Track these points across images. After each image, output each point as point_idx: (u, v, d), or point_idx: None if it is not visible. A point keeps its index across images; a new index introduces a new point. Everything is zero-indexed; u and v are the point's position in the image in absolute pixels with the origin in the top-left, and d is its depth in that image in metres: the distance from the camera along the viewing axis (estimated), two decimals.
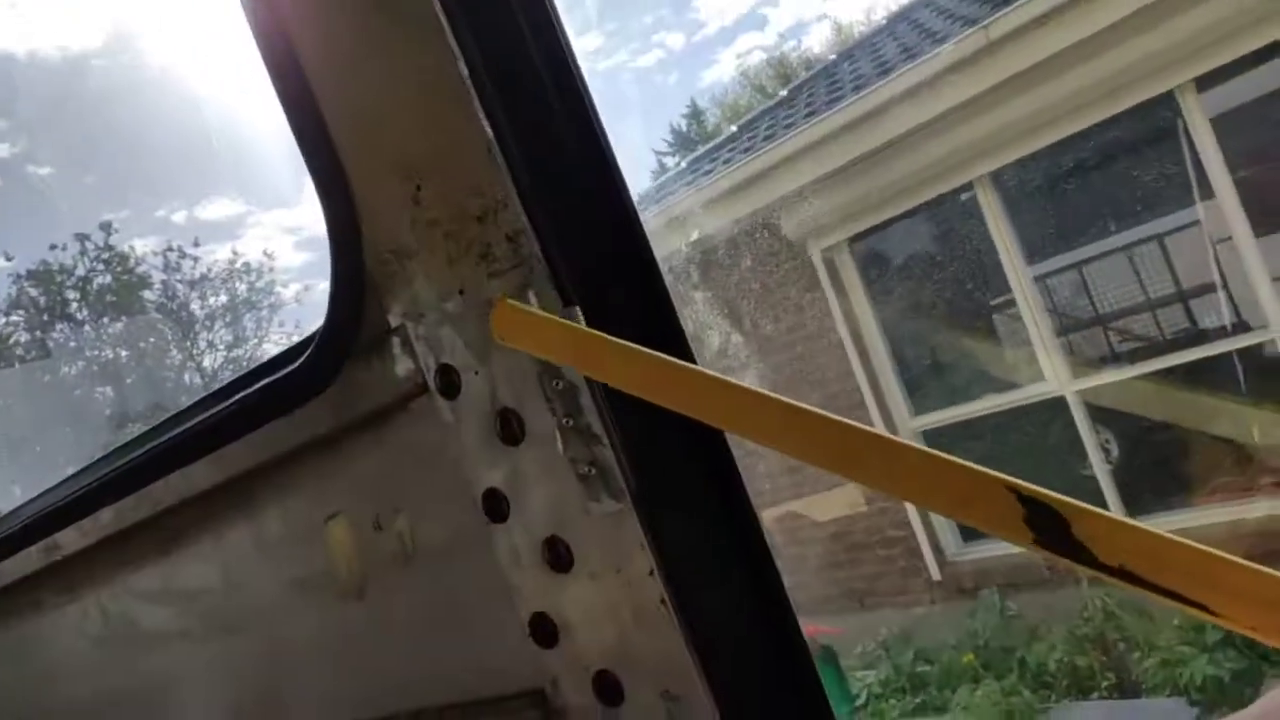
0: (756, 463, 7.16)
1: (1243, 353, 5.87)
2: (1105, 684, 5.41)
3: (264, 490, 1.01)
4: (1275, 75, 5.58)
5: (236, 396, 0.95)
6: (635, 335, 0.69)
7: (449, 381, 0.78)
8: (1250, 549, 5.34)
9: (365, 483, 0.91)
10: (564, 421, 0.71)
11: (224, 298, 18.89)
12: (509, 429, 0.75)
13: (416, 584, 0.89)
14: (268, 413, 0.92)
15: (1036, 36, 5.57)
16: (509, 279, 0.72)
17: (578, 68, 0.72)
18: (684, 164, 10.75)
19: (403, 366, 0.81)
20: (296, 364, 0.87)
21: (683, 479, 0.70)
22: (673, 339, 0.69)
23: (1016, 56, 5.66)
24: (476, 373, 0.76)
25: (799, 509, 7.20)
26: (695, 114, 32.25)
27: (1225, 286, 6.17)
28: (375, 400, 0.84)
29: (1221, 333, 6.15)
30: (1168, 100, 5.62)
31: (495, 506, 0.78)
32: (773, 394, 0.57)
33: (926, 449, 0.51)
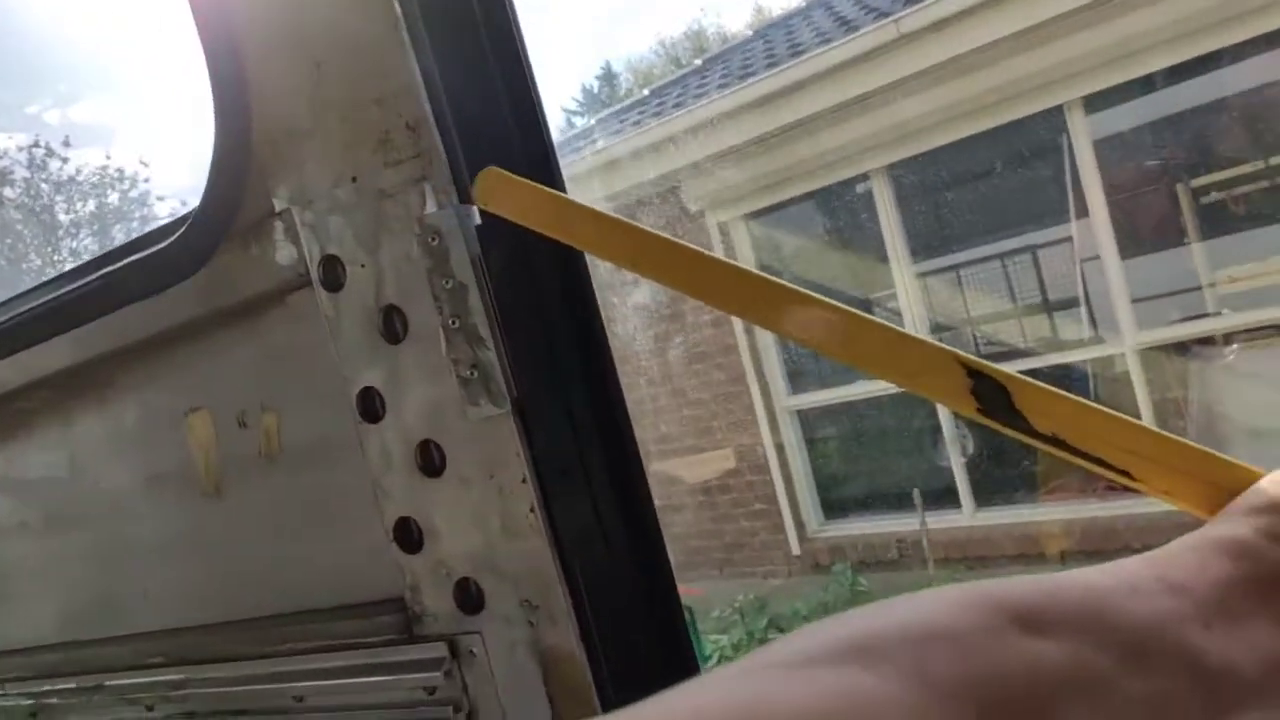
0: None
1: (1096, 364, 6.25)
2: None
3: (122, 377, 0.96)
4: (1156, 107, 5.91)
5: (98, 273, 0.90)
6: (532, 238, 0.68)
7: (333, 273, 0.75)
8: (1080, 545, 5.74)
9: (233, 376, 0.87)
10: (450, 321, 0.70)
11: (93, 205, 17.73)
12: (391, 326, 0.73)
13: (279, 484, 0.87)
14: (132, 293, 0.87)
15: (945, 35, 5.74)
16: (405, 169, 0.70)
17: None
18: (593, 123, 10.65)
19: (284, 254, 0.78)
20: (167, 242, 0.82)
21: (564, 389, 0.70)
22: (571, 251, 0.68)
23: (924, 53, 5.81)
24: (363, 266, 0.74)
25: (672, 470, 7.32)
26: (608, 76, 31.97)
27: (1088, 302, 6.54)
28: (251, 288, 0.81)
29: (1079, 344, 6.53)
30: (1057, 116, 5.88)
31: (370, 406, 0.76)
32: (753, 270, 0.58)
33: (883, 322, 0.53)
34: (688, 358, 7.32)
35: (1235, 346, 5.67)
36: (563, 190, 0.71)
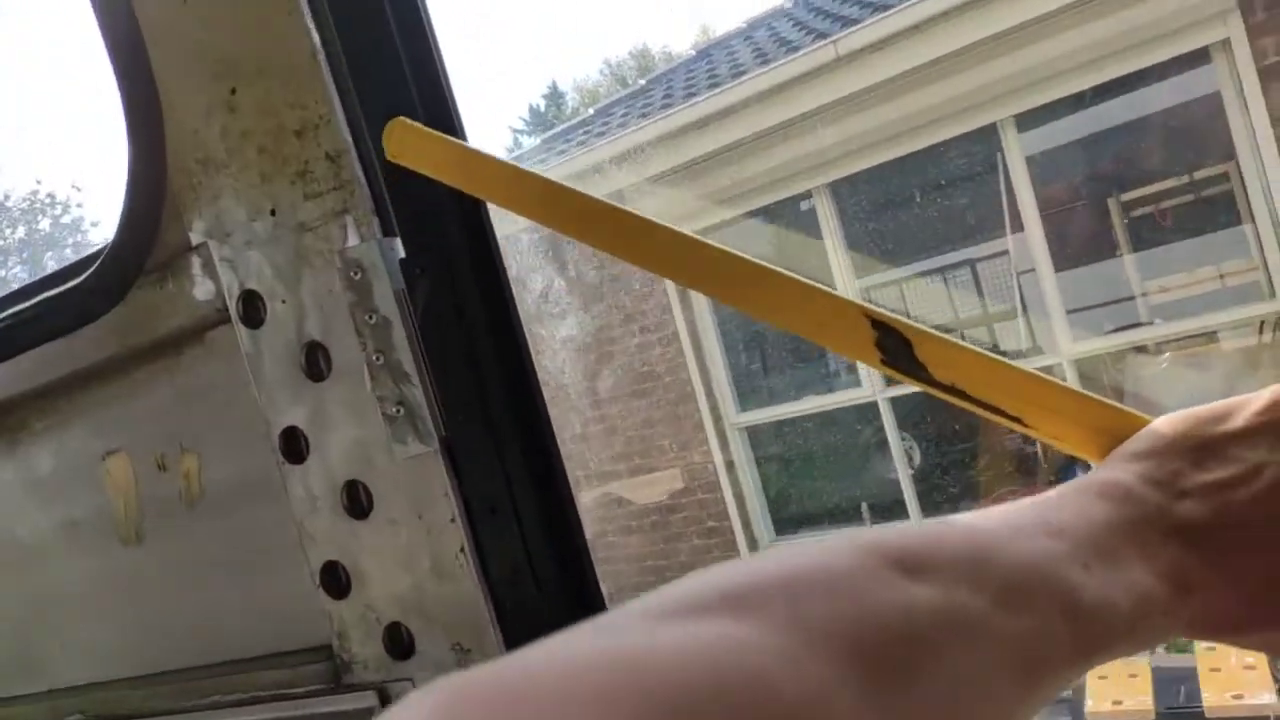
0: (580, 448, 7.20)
1: None
2: None
3: (35, 419, 0.91)
4: (1085, 124, 6.09)
5: (9, 311, 0.86)
6: (458, 272, 0.66)
7: (253, 309, 0.73)
8: None
9: (151, 416, 0.84)
10: (374, 358, 0.68)
11: (22, 232, 17.23)
12: (314, 363, 0.71)
13: (201, 530, 0.83)
14: (44, 332, 0.83)
15: (881, 56, 5.84)
16: (326, 201, 0.67)
17: None
18: (539, 142, 10.65)
19: (202, 290, 0.75)
20: (81, 278, 0.79)
21: (492, 426, 0.68)
22: (493, 275, 0.66)
23: (862, 73, 5.91)
24: (284, 301, 0.71)
25: (621, 491, 7.30)
26: (554, 96, 32.04)
27: (1025, 313, 6.68)
28: (168, 325, 0.78)
29: (1017, 355, 6.66)
30: (992, 134, 6.02)
31: (293, 447, 0.73)
32: (667, 224, 0.57)
33: (792, 275, 0.53)
34: (634, 377, 7.32)
35: (1167, 355, 5.84)
36: (483, 201, 0.69)
